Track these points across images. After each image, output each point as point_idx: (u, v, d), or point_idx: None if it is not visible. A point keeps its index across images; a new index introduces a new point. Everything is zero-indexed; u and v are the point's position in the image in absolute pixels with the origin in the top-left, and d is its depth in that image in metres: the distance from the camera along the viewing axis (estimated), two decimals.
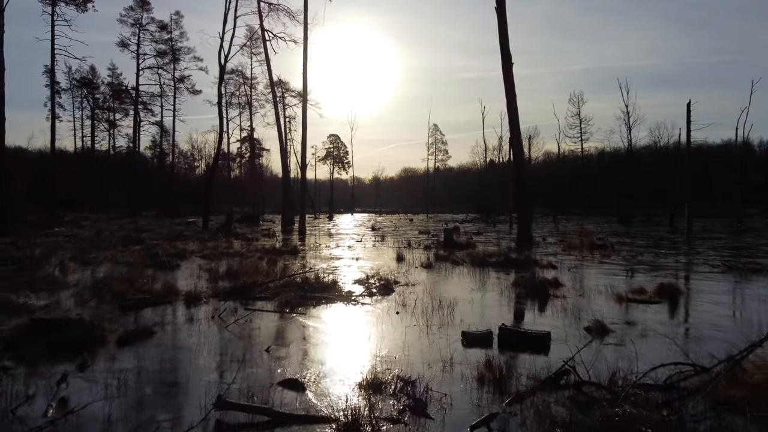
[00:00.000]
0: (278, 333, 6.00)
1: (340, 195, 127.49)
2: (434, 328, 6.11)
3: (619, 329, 6.02)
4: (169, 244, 18.50)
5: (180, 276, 10.55)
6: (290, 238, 23.42)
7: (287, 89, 65.84)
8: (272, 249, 15.31)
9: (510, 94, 19.24)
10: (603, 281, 9.74)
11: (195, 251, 14.98)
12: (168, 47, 53.84)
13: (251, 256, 14.04)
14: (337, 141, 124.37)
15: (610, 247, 17.24)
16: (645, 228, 35.38)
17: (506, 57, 19.17)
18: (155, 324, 6.22)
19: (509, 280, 9.92)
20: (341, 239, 22.15)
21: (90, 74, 75.70)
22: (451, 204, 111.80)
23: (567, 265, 12.34)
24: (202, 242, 19.53)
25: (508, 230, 31.25)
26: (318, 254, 15.22)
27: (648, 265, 13.08)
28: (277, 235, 23.89)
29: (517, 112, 19.33)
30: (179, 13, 53.42)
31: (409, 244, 18.13)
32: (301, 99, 67.12)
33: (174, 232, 23.05)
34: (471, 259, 12.96)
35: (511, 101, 19.27)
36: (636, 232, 29.52)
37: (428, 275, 10.82)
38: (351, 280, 9.66)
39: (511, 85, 19.24)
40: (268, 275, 10.21)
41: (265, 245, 17.45)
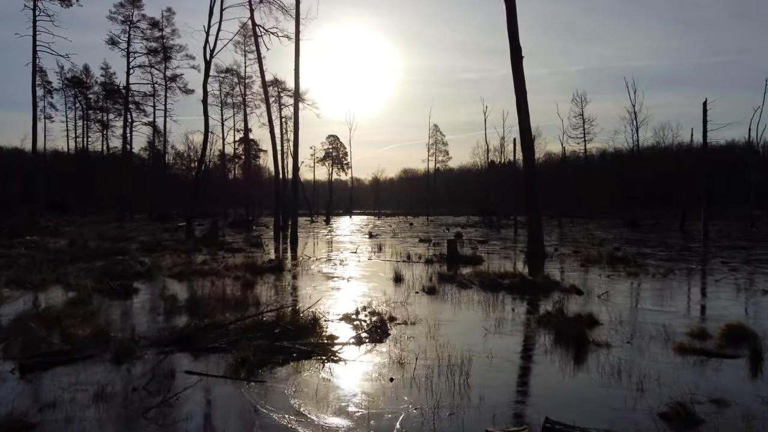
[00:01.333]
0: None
1: (339, 196, 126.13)
2: (443, 413, 4.29)
3: (710, 415, 4.19)
4: (143, 256, 16.70)
5: (130, 308, 8.74)
6: (279, 248, 21.60)
7: (283, 89, 64.08)
8: (254, 265, 13.49)
9: (520, 90, 17.45)
10: (648, 316, 7.92)
11: (165, 268, 13.16)
12: (159, 45, 52.03)
13: (228, 274, 12.23)
14: (336, 142, 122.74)
15: (632, 260, 15.44)
16: (656, 233, 33.60)
17: (516, 50, 17.39)
18: (43, 407, 4.37)
19: (531, 314, 8.09)
20: (335, 249, 20.34)
21: (83, 74, 74.14)
22: (451, 205, 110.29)
23: (593, 287, 10.52)
24: (181, 254, 17.73)
25: (513, 237, 29.44)
26: (305, 271, 13.40)
27: (685, 284, 11.28)
28: (265, 245, 22.08)
29: (527, 110, 17.55)
30: (170, 10, 51.62)
31: (408, 257, 16.32)
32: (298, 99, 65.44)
33: (155, 241, 21.25)
34: (480, 280, 11.14)
35: (521, 98, 17.48)
36: (649, 238, 27.72)
37: (431, 305, 9.00)
38: (337, 315, 7.85)
39: (521, 81, 17.45)
40: (239, 304, 8.41)
41: (249, 259, 15.65)
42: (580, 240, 26.58)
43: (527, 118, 17.59)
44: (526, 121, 17.55)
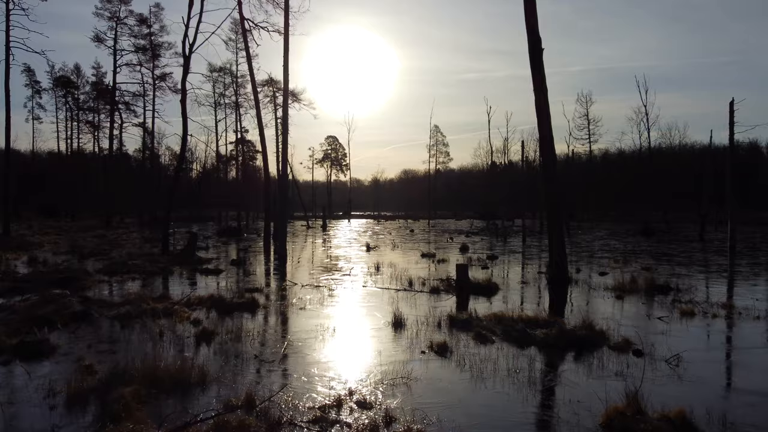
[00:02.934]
0: None
1: (338, 196, 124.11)
2: None
3: None
4: (100, 281, 14.30)
5: (14, 392, 6.27)
6: (264, 266, 19.14)
7: (278, 88, 61.77)
8: (222, 301, 11.05)
9: (540, 89, 15.02)
10: (760, 414, 5.47)
11: (113, 304, 10.71)
12: (147, 42, 49.61)
13: (186, 315, 9.78)
14: (335, 143, 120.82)
15: (675, 289, 13.01)
16: (675, 243, 31.14)
17: (534, 41, 14.95)
18: None
19: (590, 410, 5.60)
20: (327, 268, 17.90)
21: (74, 73, 71.91)
22: (452, 206, 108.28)
23: (652, 342, 8.08)
24: (147, 278, 15.31)
25: (523, 248, 26.99)
26: (285, 308, 10.96)
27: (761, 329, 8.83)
28: (249, 263, 19.63)
29: (547, 107, 15.13)
30: (159, 5, 49.32)
31: (410, 282, 13.88)
32: (294, 99, 62.93)
33: (123, 261, 18.84)
34: (504, 330, 8.68)
35: (541, 97, 15.05)
36: (672, 251, 25.30)
37: (444, 379, 6.54)
38: (309, 407, 5.41)
39: (541, 78, 15.01)
40: (177, 385, 6.00)
41: (217, 288, 13.22)
42: (597, 253, 24.14)
43: (548, 120, 15.15)
44: (546, 123, 15.11)
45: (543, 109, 15.07)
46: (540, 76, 14.98)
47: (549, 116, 15.21)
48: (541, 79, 14.98)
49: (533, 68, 15.04)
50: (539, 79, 14.97)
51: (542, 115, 15.07)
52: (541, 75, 14.99)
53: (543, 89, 15.03)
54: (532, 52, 15.01)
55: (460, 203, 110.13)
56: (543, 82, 15.01)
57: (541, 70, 14.98)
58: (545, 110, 15.10)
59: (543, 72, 15.01)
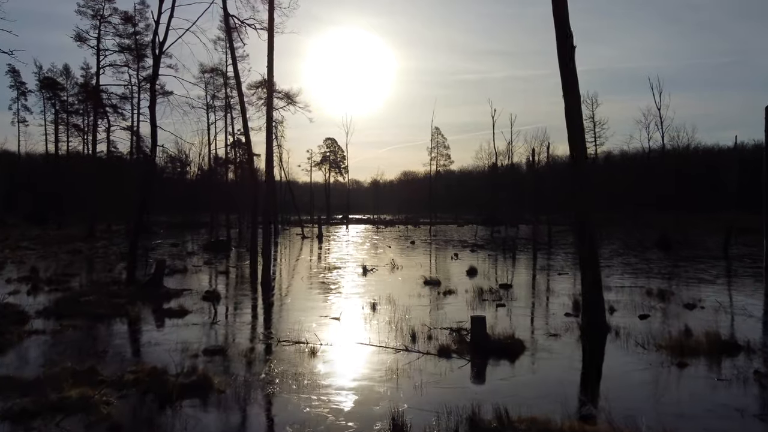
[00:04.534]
0: None
1: (337, 198, 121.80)
2: None
3: None
4: (29, 335, 11.65)
5: None
6: (237, 302, 16.37)
7: (273, 90, 59.17)
8: (163, 377, 8.33)
9: (572, 92, 12.32)
10: None
11: (12, 387, 7.99)
12: (132, 42, 46.86)
13: (102, 413, 7.08)
14: (334, 145, 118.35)
15: (746, 348, 10.32)
16: (698, 260, 28.45)
17: (564, 37, 12.26)
18: None
19: None
20: (313, 308, 15.22)
21: (63, 74, 69.28)
22: (452, 208, 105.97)
23: None
24: (93, 324, 12.64)
25: (535, 267, 24.21)
26: (245, 393, 8.23)
27: None
28: (224, 297, 16.86)
29: (580, 118, 12.46)
30: (144, 3, 46.42)
31: (413, 336, 11.17)
32: (289, 102, 60.22)
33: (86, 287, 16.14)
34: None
35: (573, 101, 12.35)
36: (701, 271, 22.65)
37: None
38: None
39: (572, 80, 12.31)
40: None
41: (169, 350, 10.51)
42: (622, 276, 21.40)
43: (581, 131, 12.45)
44: (578, 134, 12.41)
45: (574, 120, 12.35)
46: (572, 78, 12.26)
47: (582, 128, 12.52)
48: (572, 82, 12.27)
49: (563, 69, 12.34)
50: (571, 83, 12.25)
51: (574, 126, 12.35)
52: (573, 78, 12.28)
53: (575, 95, 12.32)
54: (561, 51, 12.31)
55: (460, 205, 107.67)
56: (575, 86, 12.30)
57: (572, 72, 12.27)
58: (577, 121, 12.39)
59: (575, 74, 12.30)
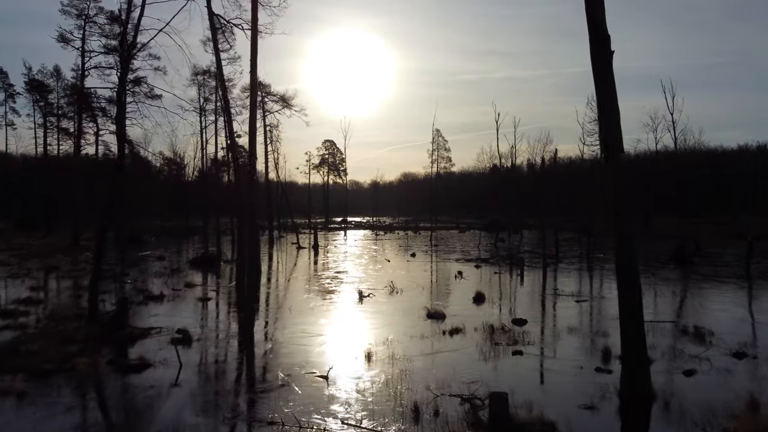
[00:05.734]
0: None
1: (336, 199, 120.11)
2: None
3: None
4: None
5: None
6: (212, 348, 14.07)
7: (267, 93, 57.05)
8: None
9: (609, 96, 10.12)
10: None
11: None
12: (119, 42, 44.71)
13: None
14: (333, 147, 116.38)
15: None
16: (721, 279, 26.31)
17: (601, 41, 10.07)
18: None
19: None
20: (298, 351, 13.02)
21: (54, 76, 67.13)
22: (452, 210, 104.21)
23: None
24: (28, 387, 10.45)
25: (543, 285, 21.78)
26: None
27: None
28: (198, 336, 14.57)
29: (617, 111, 10.23)
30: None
31: (415, 411, 8.96)
32: (284, 105, 57.86)
33: (43, 323, 13.94)
34: None
35: (610, 106, 10.16)
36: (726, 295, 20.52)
37: None
38: None
39: (609, 84, 10.10)
40: None
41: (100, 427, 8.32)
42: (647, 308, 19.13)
43: (619, 136, 10.23)
44: (618, 145, 10.21)
45: (614, 135, 10.15)
46: (609, 90, 10.06)
47: (621, 148, 10.33)
48: (610, 93, 10.07)
49: (598, 78, 10.13)
50: (609, 95, 10.05)
51: (614, 141, 10.15)
52: (611, 89, 10.07)
53: (613, 109, 10.12)
54: (596, 57, 10.10)
55: (460, 207, 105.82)
56: (613, 98, 10.09)
57: (610, 82, 10.07)
58: (616, 134, 10.18)
59: (613, 85, 10.09)
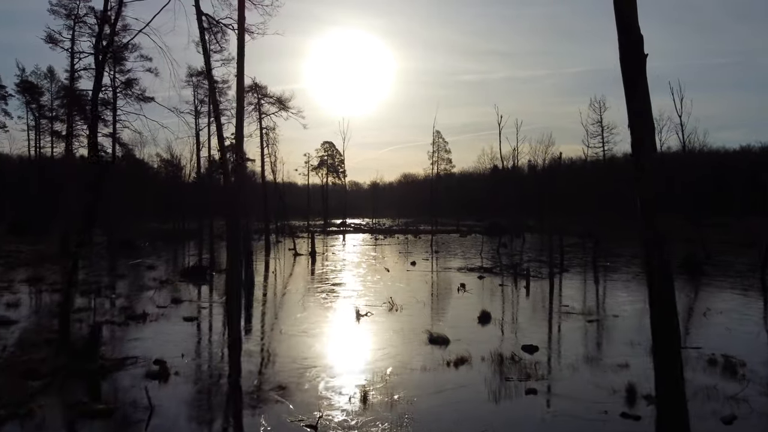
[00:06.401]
0: None
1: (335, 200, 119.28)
2: None
3: None
4: None
5: None
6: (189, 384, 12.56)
7: (264, 94, 55.61)
8: None
9: (642, 100, 8.69)
10: None
11: None
12: (109, 43, 43.32)
13: None
14: (332, 148, 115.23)
15: None
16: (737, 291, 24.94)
17: (633, 42, 8.64)
18: None
19: None
20: (286, 392, 11.59)
21: (48, 77, 65.74)
22: (452, 211, 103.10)
23: None
24: None
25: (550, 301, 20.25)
26: None
27: None
28: (173, 374, 13.05)
29: (651, 120, 8.79)
30: (122, 2, 42.71)
31: None
32: (280, 107, 56.35)
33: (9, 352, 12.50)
34: None
35: (639, 104, 8.73)
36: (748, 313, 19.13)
37: None
38: None
39: (641, 88, 8.67)
40: None
41: None
42: None
43: (653, 144, 8.81)
44: (652, 154, 8.79)
45: (646, 147, 8.72)
46: (643, 97, 8.63)
47: (655, 156, 8.90)
48: (644, 100, 8.64)
49: (629, 83, 8.71)
50: (642, 103, 8.62)
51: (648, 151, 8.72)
52: (644, 96, 8.65)
53: (647, 117, 8.70)
54: (627, 61, 8.67)
55: (461, 209, 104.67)
56: (647, 105, 8.67)
57: (643, 88, 8.65)
58: (650, 145, 8.75)
59: (646, 91, 8.67)
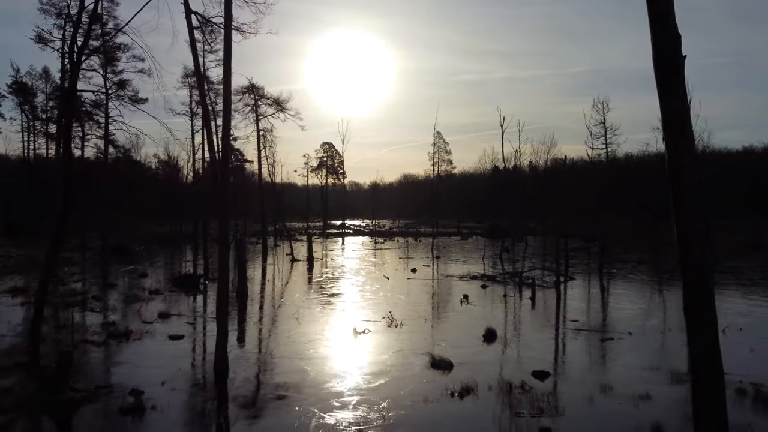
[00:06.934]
0: None
1: (335, 201, 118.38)
2: None
3: None
4: None
5: None
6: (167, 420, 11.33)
7: (261, 96, 54.44)
8: None
9: (675, 100, 7.51)
10: None
11: None
12: (100, 43, 42.12)
13: None
14: (331, 149, 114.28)
15: None
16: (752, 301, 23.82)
17: (669, 39, 7.46)
18: None
19: None
20: (270, 425, 10.39)
21: (42, 78, 64.66)
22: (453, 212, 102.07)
23: None
24: None
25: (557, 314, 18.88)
26: None
27: None
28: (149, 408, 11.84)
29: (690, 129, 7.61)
30: (114, 0, 41.63)
31: None
32: (278, 108, 55.13)
33: None
34: None
35: (677, 111, 7.54)
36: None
37: None
38: None
39: (681, 103, 7.52)
40: None
41: None
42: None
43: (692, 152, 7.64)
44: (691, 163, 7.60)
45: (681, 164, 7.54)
46: (681, 102, 7.46)
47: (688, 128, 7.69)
48: (683, 106, 7.46)
49: (664, 87, 7.53)
50: (681, 109, 7.44)
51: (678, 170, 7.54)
52: (683, 101, 7.47)
53: (687, 126, 7.51)
54: (662, 62, 7.48)
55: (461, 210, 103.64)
56: (686, 112, 7.49)
57: (681, 92, 7.47)
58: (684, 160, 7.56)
59: (685, 95, 7.49)
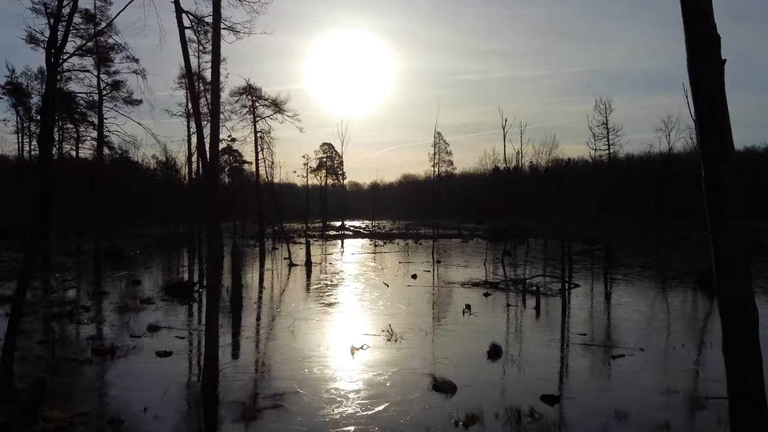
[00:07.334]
0: None
1: (335, 202, 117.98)
2: None
3: None
4: None
5: None
6: None
7: (258, 97, 53.61)
8: None
9: (713, 104, 6.67)
10: None
11: None
12: (93, 44, 41.18)
13: None
14: (331, 150, 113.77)
15: None
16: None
17: (706, 40, 6.61)
18: None
19: None
20: None
21: (38, 78, 63.70)
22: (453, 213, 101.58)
23: None
24: None
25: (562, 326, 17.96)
26: None
27: None
28: None
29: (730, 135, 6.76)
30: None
31: None
32: (276, 110, 54.25)
33: None
34: None
35: (714, 114, 6.69)
36: None
37: None
38: None
39: (713, 84, 6.65)
40: None
41: None
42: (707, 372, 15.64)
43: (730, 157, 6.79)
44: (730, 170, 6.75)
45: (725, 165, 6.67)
46: (720, 106, 6.61)
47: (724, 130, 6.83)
48: (721, 110, 6.61)
49: (700, 90, 6.68)
50: (719, 113, 6.59)
51: (726, 169, 6.68)
52: (722, 105, 6.62)
53: (727, 133, 6.66)
54: (698, 65, 6.63)
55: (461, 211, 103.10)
56: (725, 116, 6.64)
57: (720, 97, 6.62)
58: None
59: (724, 100, 6.64)
